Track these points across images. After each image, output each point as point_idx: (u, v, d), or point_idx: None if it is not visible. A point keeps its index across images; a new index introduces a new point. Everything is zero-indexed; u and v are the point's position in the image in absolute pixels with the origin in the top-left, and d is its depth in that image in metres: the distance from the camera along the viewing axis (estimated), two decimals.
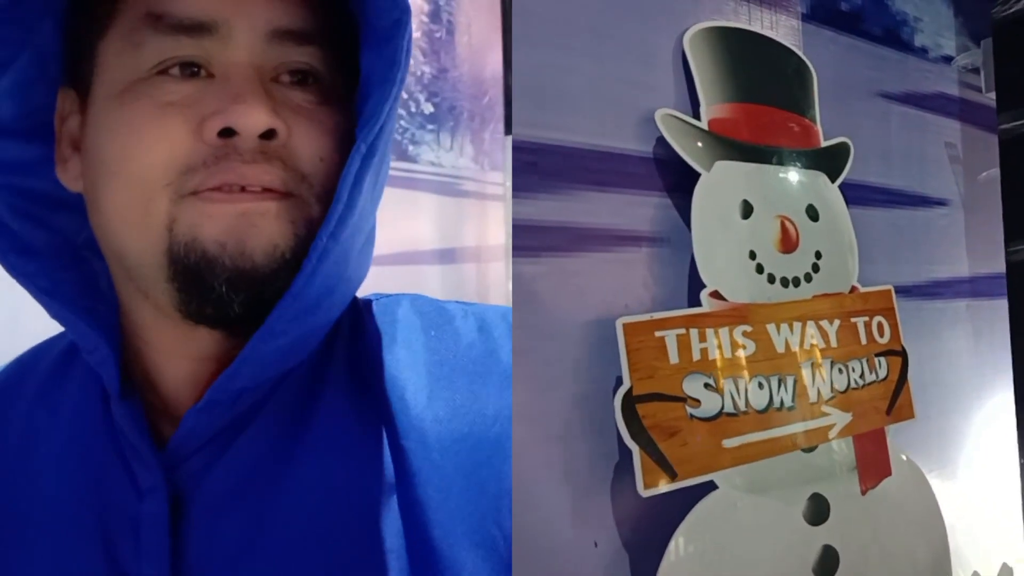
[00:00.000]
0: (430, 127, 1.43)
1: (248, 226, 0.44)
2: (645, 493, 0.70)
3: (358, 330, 0.53)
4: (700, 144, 0.79)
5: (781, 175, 0.88)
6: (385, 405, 0.49)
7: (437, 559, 0.46)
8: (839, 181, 0.97)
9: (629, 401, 0.70)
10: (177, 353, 0.49)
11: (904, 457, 0.99)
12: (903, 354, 1.00)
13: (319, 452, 0.48)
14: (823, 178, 0.95)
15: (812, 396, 0.84)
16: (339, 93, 0.48)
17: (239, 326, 0.46)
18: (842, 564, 0.85)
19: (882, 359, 0.95)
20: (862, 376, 0.91)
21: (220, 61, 0.45)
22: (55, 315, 0.49)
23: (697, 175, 0.79)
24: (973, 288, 1.81)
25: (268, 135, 0.44)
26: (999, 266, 1.57)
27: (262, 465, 0.48)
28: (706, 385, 0.75)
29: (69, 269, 0.51)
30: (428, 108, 1.43)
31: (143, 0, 0.45)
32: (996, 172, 1.57)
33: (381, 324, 0.53)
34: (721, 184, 0.80)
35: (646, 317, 0.73)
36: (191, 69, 0.45)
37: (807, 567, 0.83)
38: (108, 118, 0.46)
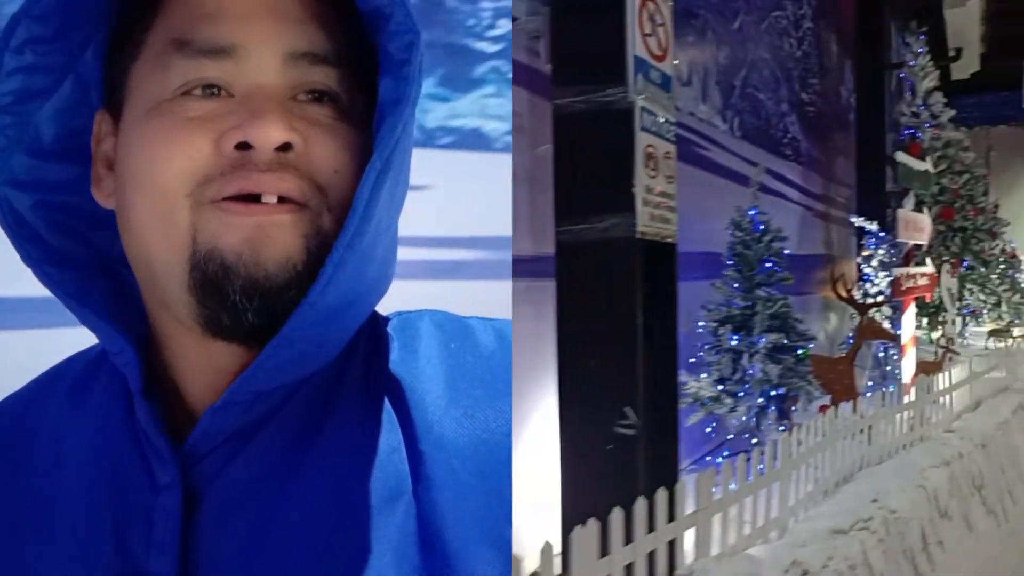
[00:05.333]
0: None
1: (263, 237, 0.52)
2: None
3: (377, 342, 0.60)
4: None
5: None
6: (404, 412, 0.56)
7: (449, 558, 0.52)
8: None
9: None
10: (198, 363, 0.57)
11: None
12: None
13: (332, 456, 0.55)
14: None
15: None
16: (358, 113, 0.56)
17: (255, 340, 0.53)
18: None
19: None
20: None
21: (240, 82, 0.53)
22: (84, 320, 0.57)
23: None
24: (534, 268, 2.21)
25: (284, 148, 0.52)
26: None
27: (275, 467, 0.55)
28: None
29: (101, 279, 0.60)
30: None
31: (170, 28, 0.55)
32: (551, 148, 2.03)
33: (401, 337, 0.60)
34: None
35: None
36: (213, 89, 0.54)
37: None
38: (136, 135, 0.55)
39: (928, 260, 4.90)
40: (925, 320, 5.81)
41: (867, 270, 4.48)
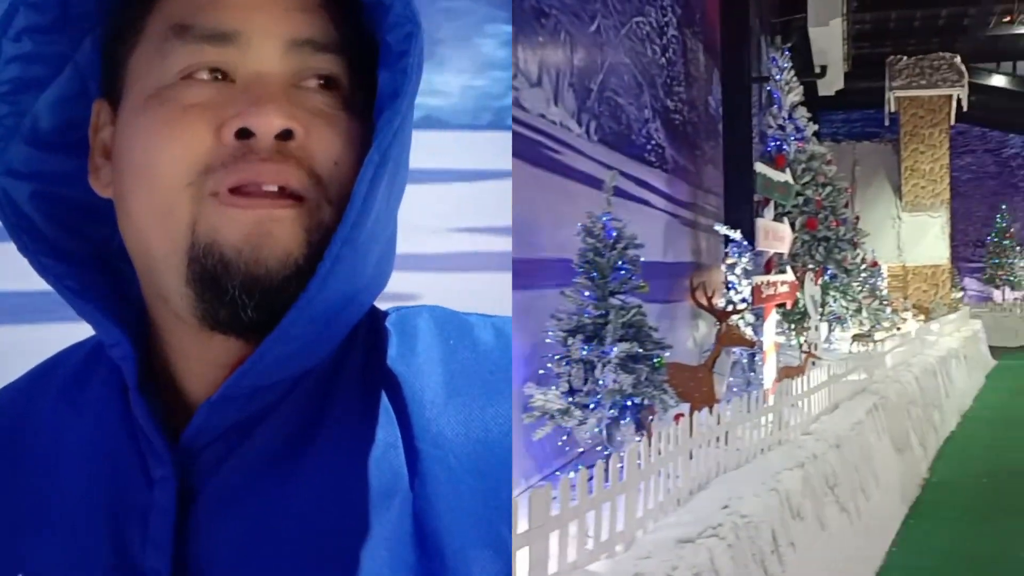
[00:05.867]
0: None
1: (264, 234, 0.52)
2: None
3: (375, 338, 0.60)
4: None
5: None
6: (401, 409, 0.56)
7: (445, 558, 0.53)
8: None
9: None
10: (196, 357, 0.57)
11: None
12: None
13: (329, 452, 0.56)
14: None
15: None
16: (359, 104, 0.57)
17: (254, 334, 0.54)
18: None
19: None
20: None
21: (241, 68, 0.54)
22: (81, 312, 0.58)
23: None
24: None
25: (285, 136, 0.53)
26: None
27: (272, 462, 0.55)
28: None
29: (98, 272, 0.61)
30: None
31: (171, 14, 0.55)
32: None
33: (399, 333, 0.60)
34: None
35: None
36: (215, 75, 0.54)
37: None
38: (135, 123, 0.55)
39: (789, 268, 5.12)
40: (791, 326, 6.10)
41: (731, 278, 4.64)
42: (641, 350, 2.93)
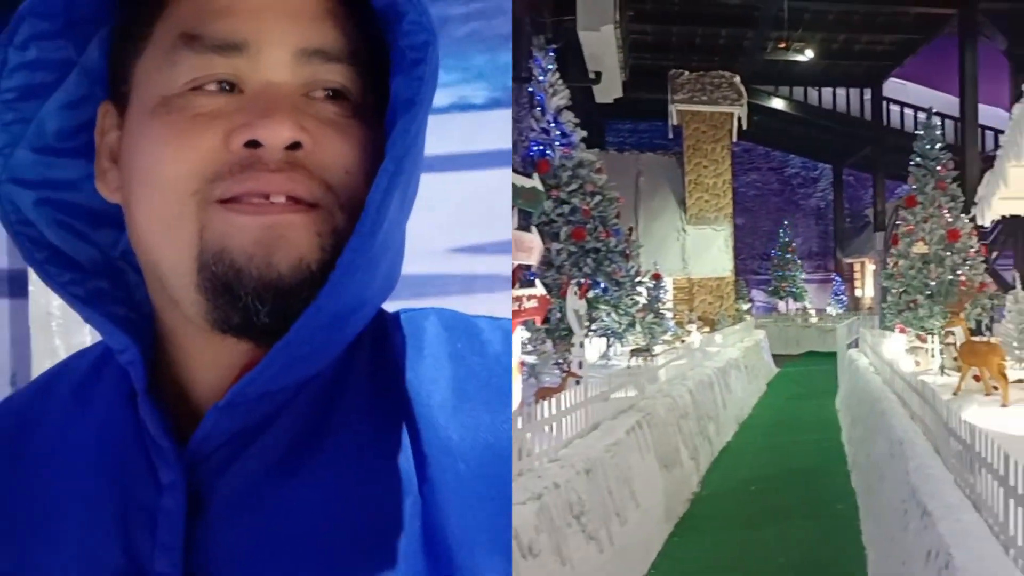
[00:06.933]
0: None
1: (275, 238, 0.54)
2: None
3: (382, 341, 0.62)
4: None
5: None
6: (408, 414, 0.58)
7: (455, 562, 0.55)
8: None
9: None
10: (206, 360, 0.59)
11: None
12: None
13: (337, 456, 0.57)
14: None
15: None
16: (370, 112, 0.59)
17: (265, 337, 0.55)
18: None
19: None
20: None
21: (250, 78, 0.56)
22: (87, 319, 0.60)
23: None
24: None
25: (293, 147, 0.55)
26: None
27: (280, 466, 0.57)
28: None
29: (104, 278, 0.63)
30: None
31: (179, 22, 0.57)
32: None
33: (406, 336, 0.62)
34: None
35: None
36: (223, 85, 0.56)
37: None
38: (143, 130, 0.57)
39: (538, 281, 5.01)
40: (555, 343, 6.03)
41: None
42: None
